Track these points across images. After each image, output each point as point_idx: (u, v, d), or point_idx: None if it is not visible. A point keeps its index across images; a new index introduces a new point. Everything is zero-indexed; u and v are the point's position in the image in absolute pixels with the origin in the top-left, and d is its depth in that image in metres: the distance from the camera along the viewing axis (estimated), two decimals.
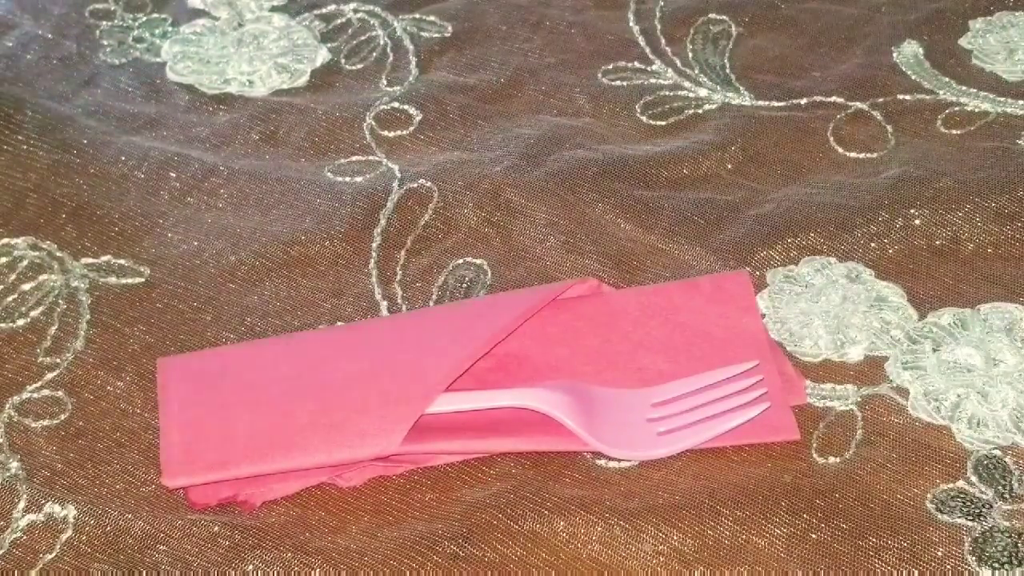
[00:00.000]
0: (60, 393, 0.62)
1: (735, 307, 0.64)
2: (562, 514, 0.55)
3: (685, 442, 0.58)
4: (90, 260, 0.68)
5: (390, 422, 0.57)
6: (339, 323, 0.65)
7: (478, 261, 0.68)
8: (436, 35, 0.83)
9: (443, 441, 0.58)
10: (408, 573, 0.54)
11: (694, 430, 0.58)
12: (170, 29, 0.84)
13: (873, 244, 0.68)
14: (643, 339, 0.63)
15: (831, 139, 0.75)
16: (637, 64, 0.81)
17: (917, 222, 0.69)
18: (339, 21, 0.84)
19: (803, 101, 0.78)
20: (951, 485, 0.57)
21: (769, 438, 0.59)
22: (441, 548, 0.54)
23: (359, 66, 0.82)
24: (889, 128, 0.76)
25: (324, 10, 0.85)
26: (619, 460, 0.58)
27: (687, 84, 0.79)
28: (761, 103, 0.78)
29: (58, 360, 0.64)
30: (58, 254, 0.68)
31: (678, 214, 0.70)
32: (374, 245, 0.69)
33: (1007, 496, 0.56)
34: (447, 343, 0.60)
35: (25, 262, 0.68)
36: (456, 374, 0.59)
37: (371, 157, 0.74)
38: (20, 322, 0.65)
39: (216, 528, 0.56)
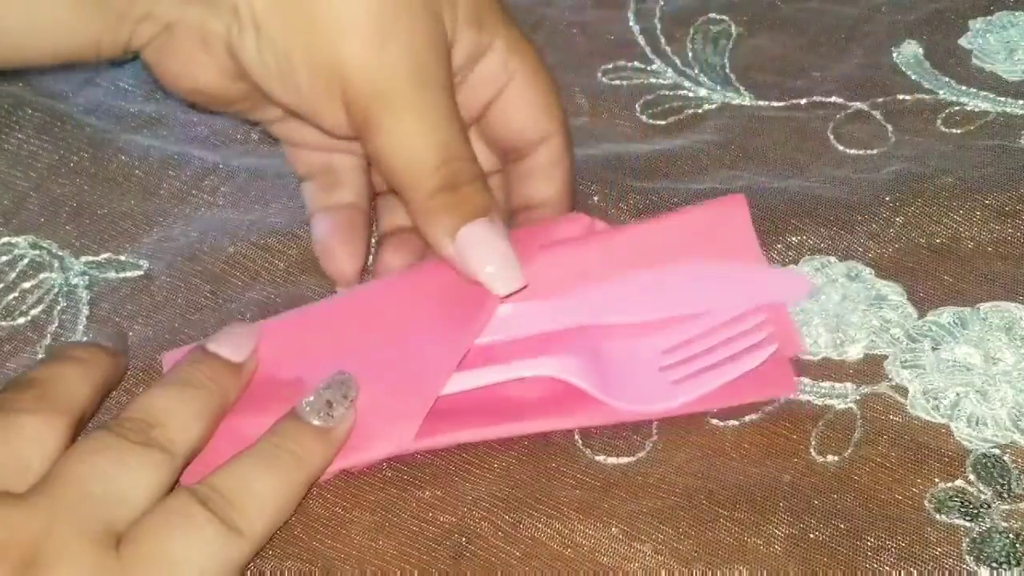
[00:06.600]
0: None
1: (733, 239, 0.63)
2: (561, 515, 0.55)
3: (699, 389, 0.58)
4: (90, 258, 0.68)
5: (400, 420, 0.56)
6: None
7: None
8: None
9: (454, 432, 0.57)
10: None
11: (706, 376, 0.58)
12: None
13: (873, 243, 0.68)
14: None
15: (831, 137, 0.76)
16: (637, 64, 0.81)
17: (917, 220, 0.69)
18: None
19: (803, 101, 0.78)
20: (950, 484, 0.57)
21: (768, 395, 0.59)
22: (440, 552, 0.54)
23: None
24: (889, 127, 0.76)
25: None
26: (618, 457, 0.58)
27: (687, 84, 0.80)
28: (761, 103, 0.78)
29: None
30: (58, 253, 0.69)
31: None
32: (374, 240, 0.69)
33: (1005, 496, 0.56)
34: (445, 316, 0.58)
35: (26, 260, 0.68)
36: (461, 354, 0.57)
37: None
38: (20, 320, 0.65)
39: None
